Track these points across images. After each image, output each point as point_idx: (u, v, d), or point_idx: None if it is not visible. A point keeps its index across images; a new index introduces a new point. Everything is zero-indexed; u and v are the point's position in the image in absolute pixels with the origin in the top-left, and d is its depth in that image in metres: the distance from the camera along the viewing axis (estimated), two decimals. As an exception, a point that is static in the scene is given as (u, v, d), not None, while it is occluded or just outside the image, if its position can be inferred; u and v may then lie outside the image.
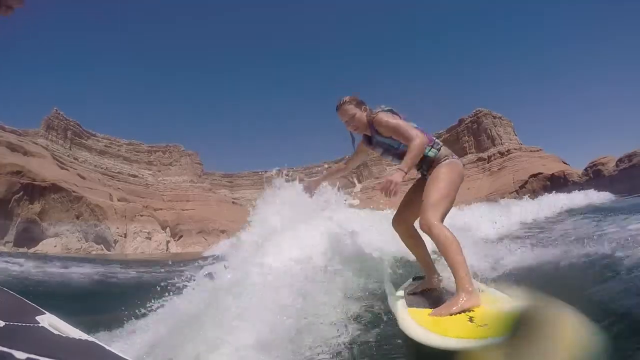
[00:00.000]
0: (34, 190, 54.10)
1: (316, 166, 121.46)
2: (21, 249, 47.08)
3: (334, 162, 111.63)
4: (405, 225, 2.54)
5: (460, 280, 1.86)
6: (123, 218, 62.47)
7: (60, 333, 1.04)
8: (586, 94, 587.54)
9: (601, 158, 65.21)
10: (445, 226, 2.08)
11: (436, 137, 2.51)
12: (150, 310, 2.45)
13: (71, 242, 55.25)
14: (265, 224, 3.05)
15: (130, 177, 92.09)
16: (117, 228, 60.38)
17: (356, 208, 3.87)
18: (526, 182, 68.33)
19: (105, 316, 3.25)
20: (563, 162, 76.65)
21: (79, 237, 56.56)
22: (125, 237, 60.83)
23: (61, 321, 1.14)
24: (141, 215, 66.20)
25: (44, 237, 54.26)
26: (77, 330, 1.11)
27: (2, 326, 0.94)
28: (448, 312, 1.75)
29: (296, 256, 2.37)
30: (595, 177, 60.91)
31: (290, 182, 3.40)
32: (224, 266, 2.53)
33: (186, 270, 2.60)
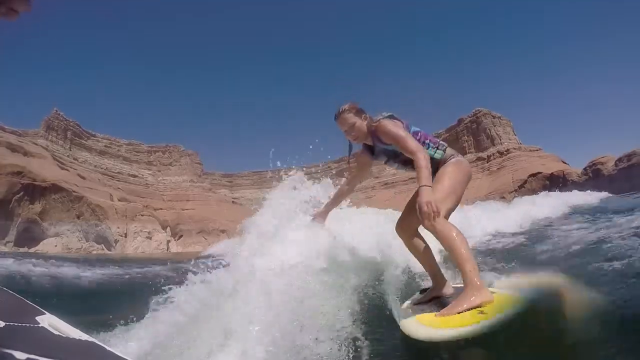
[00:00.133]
0: (35, 190, 54.16)
1: (315, 166, 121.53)
2: (22, 249, 47.17)
3: (334, 162, 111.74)
4: (410, 231, 2.40)
5: (467, 275, 1.77)
6: (123, 218, 62.48)
7: (60, 333, 1.04)
8: (586, 93, 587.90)
9: (600, 157, 65.26)
10: (449, 222, 2.02)
11: (435, 137, 2.45)
12: (150, 310, 2.43)
13: (72, 242, 55.31)
14: (265, 225, 2.99)
15: (130, 177, 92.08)
16: (118, 228, 60.38)
17: (353, 207, 3.80)
18: (525, 182, 68.44)
19: (105, 316, 3.21)
20: (562, 162, 76.73)
21: (80, 237, 56.62)
22: (125, 237, 60.82)
23: (61, 321, 1.14)
24: (142, 215, 66.17)
25: (45, 237, 54.34)
26: (77, 330, 1.10)
27: (2, 326, 0.93)
28: (456, 311, 1.67)
29: (296, 257, 2.33)
30: (594, 177, 61.04)
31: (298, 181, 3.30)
32: (222, 267, 2.51)
33: (186, 270, 2.55)
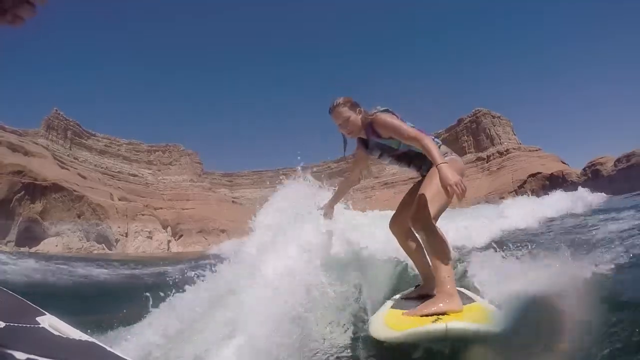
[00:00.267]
0: (36, 189, 54.22)
1: (316, 166, 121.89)
2: (22, 249, 47.18)
3: (334, 162, 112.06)
4: (403, 227, 2.38)
5: (441, 281, 1.78)
6: (124, 217, 62.55)
7: (60, 334, 1.04)
8: (585, 93, 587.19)
9: (599, 158, 65.45)
10: (436, 226, 2.01)
11: (435, 137, 2.38)
12: (150, 310, 2.42)
13: (72, 242, 55.37)
14: (267, 226, 3.01)
15: (130, 177, 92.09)
16: (119, 227, 60.46)
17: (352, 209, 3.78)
18: (525, 182, 68.67)
19: (105, 316, 3.22)
20: (562, 162, 76.96)
21: (80, 237, 56.69)
22: (126, 237, 60.90)
23: (61, 322, 1.14)
24: (142, 214, 66.22)
25: (46, 237, 54.40)
26: (77, 330, 1.10)
27: (2, 327, 0.93)
28: (421, 313, 1.69)
29: (297, 258, 2.33)
30: (593, 177, 61.23)
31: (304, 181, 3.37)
32: (224, 268, 2.52)
33: (187, 270, 2.58)
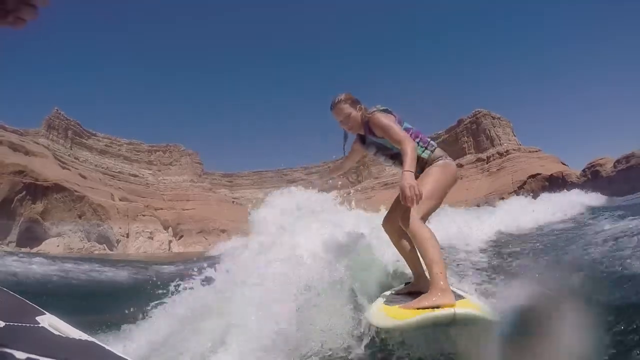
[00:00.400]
0: (37, 190, 54.29)
1: (316, 166, 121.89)
2: (24, 249, 47.26)
3: (334, 163, 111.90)
4: (395, 226, 2.41)
5: (434, 276, 1.85)
6: (125, 218, 62.67)
7: (60, 333, 1.04)
8: (585, 94, 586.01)
9: (599, 159, 65.59)
10: (424, 224, 2.09)
11: (435, 138, 2.75)
12: (150, 310, 2.42)
13: (74, 242, 55.47)
14: (268, 228, 3.02)
15: (130, 177, 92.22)
16: (120, 228, 60.63)
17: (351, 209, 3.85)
18: (525, 183, 68.85)
19: (105, 316, 3.22)
20: (562, 163, 77.15)
21: (82, 237, 56.79)
22: (127, 237, 61.04)
23: (61, 321, 1.14)
24: (143, 215, 66.37)
25: (47, 237, 54.49)
26: (77, 330, 1.10)
27: (2, 326, 0.93)
28: (417, 306, 1.77)
29: (297, 258, 2.34)
30: (593, 178, 61.38)
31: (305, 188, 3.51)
32: (226, 269, 2.51)
33: (188, 270, 2.60)
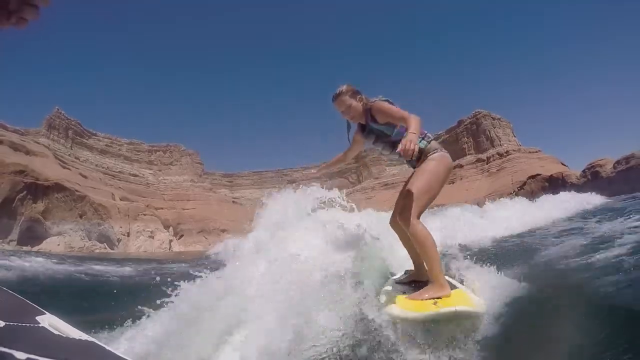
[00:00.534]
0: (38, 189, 54.33)
1: (316, 166, 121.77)
2: (24, 248, 47.35)
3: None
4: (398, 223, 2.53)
5: (433, 272, 2.18)
6: (126, 217, 62.75)
7: (60, 333, 1.04)
8: (585, 95, 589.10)
9: (599, 160, 65.52)
10: (422, 223, 2.27)
11: (435, 138, 2.63)
12: (151, 310, 2.42)
13: (74, 241, 55.51)
14: (268, 226, 3.03)
15: (131, 177, 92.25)
16: (120, 227, 60.69)
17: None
18: (524, 184, 68.92)
19: (105, 316, 3.21)
20: (561, 164, 77.21)
21: (82, 236, 56.83)
22: (128, 236, 61.13)
23: (61, 321, 1.15)
24: (144, 214, 66.46)
25: (48, 236, 54.51)
26: (77, 330, 1.11)
27: (2, 326, 0.94)
28: (421, 298, 2.13)
29: (299, 258, 2.36)
30: (593, 179, 61.41)
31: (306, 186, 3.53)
32: (226, 267, 2.52)
33: (188, 269, 2.57)
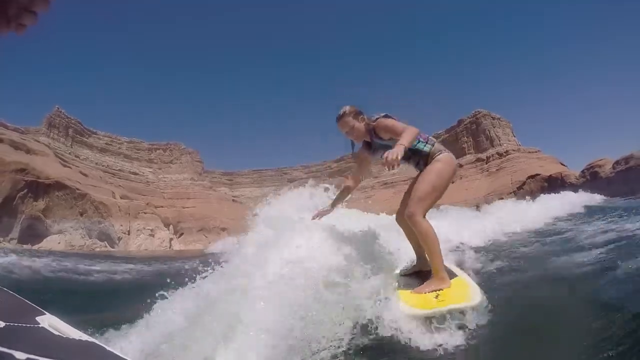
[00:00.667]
0: (38, 187, 54.36)
1: (316, 165, 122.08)
2: (25, 246, 47.43)
3: (334, 162, 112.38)
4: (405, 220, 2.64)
5: (435, 266, 2.36)
6: (127, 215, 62.79)
7: (60, 333, 1.04)
8: (585, 95, 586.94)
9: (598, 160, 65.71)
10: (426, 220, 2.42)
11: (435, 138, 2.73)
12: (151, 309, 2.40)
13: (75, 239, 55.57)
14: (270, 225, 3.00)
15: (131, 175, 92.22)
16: (121, 225, 60.73)
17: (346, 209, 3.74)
18: (524, 183, 69.13)
19: (105, 316, 3.21)
20: (561, 164, 77.41)
21: (83, 234, 56.88)
22: (128, 234, 61.17)
23: (61, 321, 1.14)
24: (144, 212, 66.51)
25: (48, 234, 54.56)
26: (77, 330, 1.11)
27: (2, 326, 0.93)
28: (424, 291, 2.31)
29: (299, 258, 2.31)
30: (592, 179, 61.60)
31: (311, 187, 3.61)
32: (228, 266, 2.51)
33: (189, 268, 2.60)
